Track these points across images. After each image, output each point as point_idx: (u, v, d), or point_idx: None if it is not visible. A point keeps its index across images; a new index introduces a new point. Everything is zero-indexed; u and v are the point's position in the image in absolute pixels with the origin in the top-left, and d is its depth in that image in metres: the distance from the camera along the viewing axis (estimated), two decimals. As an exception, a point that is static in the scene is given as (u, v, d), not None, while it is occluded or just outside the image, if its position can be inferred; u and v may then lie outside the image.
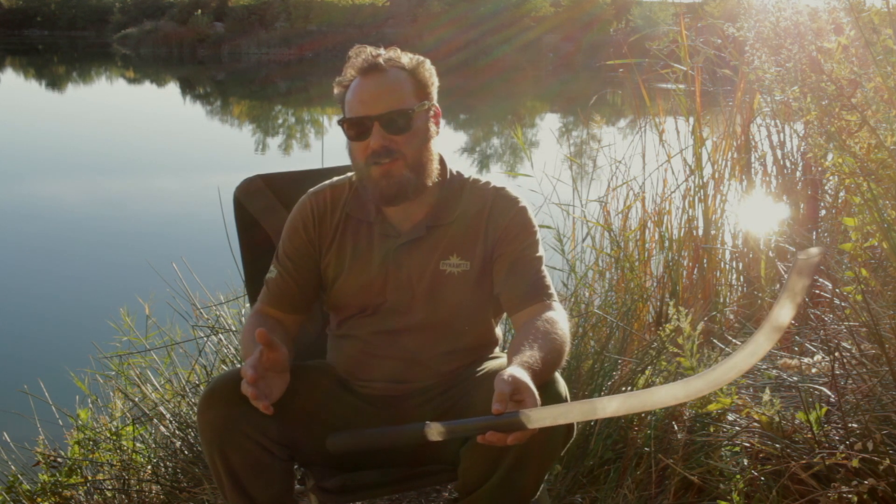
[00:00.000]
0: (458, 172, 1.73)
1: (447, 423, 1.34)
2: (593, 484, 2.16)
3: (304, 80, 24.89)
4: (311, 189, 1.75)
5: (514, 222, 1.68)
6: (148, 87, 23.87)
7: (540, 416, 1.28)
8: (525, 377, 1.35)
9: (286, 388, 1.57)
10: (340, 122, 1.63)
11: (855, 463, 1.65)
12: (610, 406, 1.23)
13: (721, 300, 3.13)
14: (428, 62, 1.67)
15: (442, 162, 1.71)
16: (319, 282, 1.73)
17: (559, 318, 1.57)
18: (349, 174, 1.77)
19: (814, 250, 1.03)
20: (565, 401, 1.47)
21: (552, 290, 1.65)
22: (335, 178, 1.77)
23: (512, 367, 1.38)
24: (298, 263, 1.70)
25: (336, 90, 1.67)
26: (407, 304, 1.67)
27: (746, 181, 3.47)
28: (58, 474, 2.36)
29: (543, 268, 1.67)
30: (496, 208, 1.69)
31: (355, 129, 1.61)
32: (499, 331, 1.81)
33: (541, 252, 1.69)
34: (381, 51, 1.65)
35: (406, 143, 1.61)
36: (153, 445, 2.50)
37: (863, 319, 2.07)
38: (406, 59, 1.65)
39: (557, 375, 1.51)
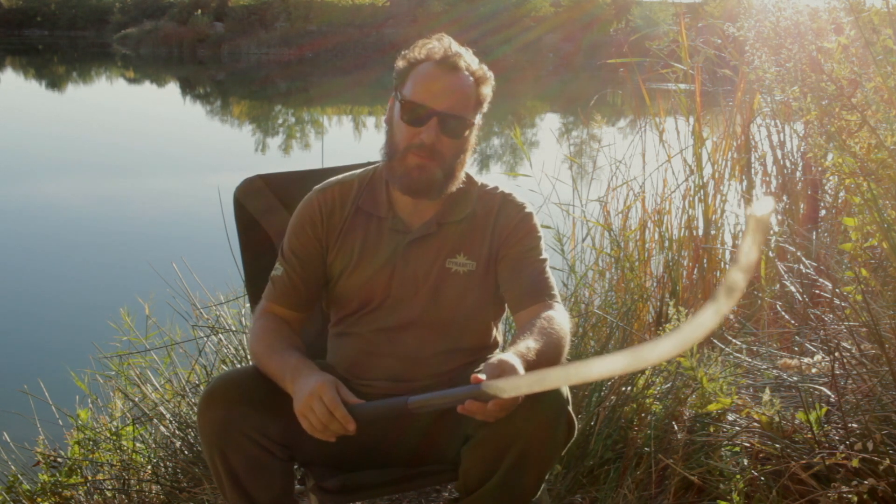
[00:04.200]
0: (467, 174, 1.75)
1: (426, 395, 1.37)
2: (593, 484, 2.16)
3: (304, 80, 24.88)
4: (317, 186, 1.76)
5: (519, 226, 1.71)
6: (148, 88, 23.85)
7: (516, 384, 1.28)
8: (513, 360, 1.38)
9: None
10: (400, 100, 1.62)
11: (855, 463, 1.65)
12: (590, 369, 1.21)
13: (721, 300, 3.11)
14: (492, 78, 1.69)
15: None
16: (325, 279, 1.73)
17: (558, 316, 1.58)
18: (357, 171, 1.78)
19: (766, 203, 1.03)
20: (566, 400, 1.47)
21: (555, 292, 1.67)
22: (342, 175, 1.77)
23: (502, 354, 1.41)
24: (305, 261, 1.70)
25: (400, 63, 1.67)
26: (410, 300, 1.68)
27: (746, 181, 3.47)
28: (58, 474, 2.36)
29: (547, 269, 1.70)
30: (503, 212, 1.72)
31: (413, 114, 1.61)
32: (499, 334, 1.81)
33: (545, 255, 1.72)
34: (462, 49, 1.66)
35: (451, 148, 1.63)
36: (153, 445, 2.50)
37: (863, 319, 2.07)
38: (476, 66, 1.67)
39: (558, 374, 1.52)
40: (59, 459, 2.44)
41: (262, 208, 1.93)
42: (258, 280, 1.83)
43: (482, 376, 1.33)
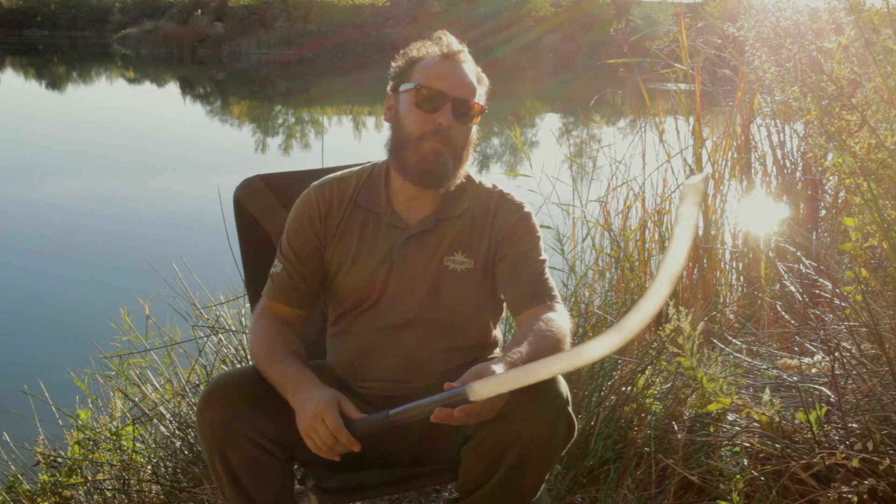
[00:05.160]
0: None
1: (405, 406, 1.38)
2: (593, 484, 2.16)
3: (304, 80, 24.89)
4: (315, 183, 1.76)
5: (517, 225, 1.70)
6: (148, 88, 23.85)
7: (481, 388, 1.28)
8: (496, 366, 1.38)
9: None
10: (414, 87, 1.63)
11: (855, 463, 1.65)
12: (560, 364, 1.18)
13: (721, 300, 3.13)
14: (486, 78, 1.73)
15: None
16: (324, 275, 1.73)
17: (557, 318, 1.58)
18: (354, 168, 1.78)
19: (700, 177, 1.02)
20: (566, 400, 1.47)
21: (555, 293, 1.66)
22: (340, 172, 1.78)
23: (490, 362, 1.41)
24: (304, 257, 1.70)
25: (401, 61, 1.70)
26: (407, 297, 1.68)
27: (746, 181, 3.47)
28: (58, 474, 2.36)
29: (546, 270, 1.70)
30: (501, 211, 1.72)
31: (429, 100, 1.62)
32: (499, 333, 1.81)
33: (544, 256, 1.71)
34: (461, 45, 1.69)
35: (461, 134, 1.65)
36: (153, 445, 2.50)
37: (863, 319, 2.07)
38: (473, 63, 1.70)
39: (559, 376, 1.51)
40: (59, 459, 2.43)
41: (262, 208, 1.93)
42: (258, 280, 1.83)
43: (455, 384, 1.33)
